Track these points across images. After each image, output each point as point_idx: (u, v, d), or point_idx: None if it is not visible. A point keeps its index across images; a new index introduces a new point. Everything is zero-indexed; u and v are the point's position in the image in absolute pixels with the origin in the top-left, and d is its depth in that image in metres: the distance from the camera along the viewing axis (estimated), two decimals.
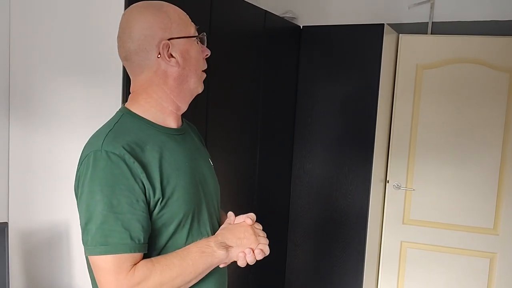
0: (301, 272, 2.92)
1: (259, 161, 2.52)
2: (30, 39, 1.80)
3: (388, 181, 2.96)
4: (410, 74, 2.87)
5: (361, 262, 2.72)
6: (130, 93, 1.13)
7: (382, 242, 3.00)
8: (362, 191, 2.70)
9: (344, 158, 2.75)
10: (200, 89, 1.13)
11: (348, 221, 2.75)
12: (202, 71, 1.12)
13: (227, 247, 1.06)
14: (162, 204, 1.00)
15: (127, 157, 0.96)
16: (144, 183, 0.97)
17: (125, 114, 1.08)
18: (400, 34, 2.88)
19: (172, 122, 1.11)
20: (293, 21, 2.86)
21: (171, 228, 1.03)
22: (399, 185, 2.94)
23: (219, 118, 2.15)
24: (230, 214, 1.19)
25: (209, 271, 1.06)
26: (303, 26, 2.82)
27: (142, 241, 0.96)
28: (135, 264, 0.95)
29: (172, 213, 1.02)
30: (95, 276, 0.99)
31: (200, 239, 1.08)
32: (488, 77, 2.76)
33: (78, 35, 1.69)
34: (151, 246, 1.02)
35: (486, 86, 2.77)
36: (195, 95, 1.14)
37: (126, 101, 1.12)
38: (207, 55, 1.12)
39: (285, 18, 2.78)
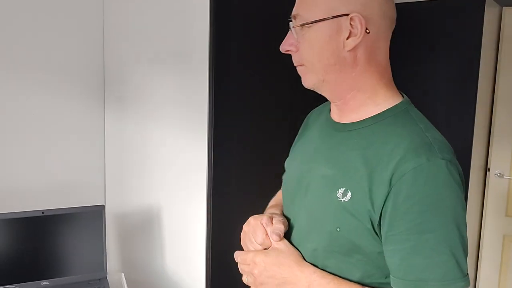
0: None
1: None
2: (123, 30, 1.87)
3: (489, 169, 2.72)
4: None
5: None
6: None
7: (481, 235, 2.78)
8: None
9: None
10: (303, 83, 1.01)
11: None
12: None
13: None
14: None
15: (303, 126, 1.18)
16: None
17: None
18: (503, 7, 2.61)
19: (334, 115, 1.05)
20: None
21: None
22: (502, 173, 2.69)
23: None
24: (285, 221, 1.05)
25: None
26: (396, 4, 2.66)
27: None
28: None
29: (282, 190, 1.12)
30: None
31: None
32: None
33: (167, 24, 1.72)
34: None
35: None
36: (310, 89, 1.02)
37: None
38: (286, 50, 0.98)
39: None
